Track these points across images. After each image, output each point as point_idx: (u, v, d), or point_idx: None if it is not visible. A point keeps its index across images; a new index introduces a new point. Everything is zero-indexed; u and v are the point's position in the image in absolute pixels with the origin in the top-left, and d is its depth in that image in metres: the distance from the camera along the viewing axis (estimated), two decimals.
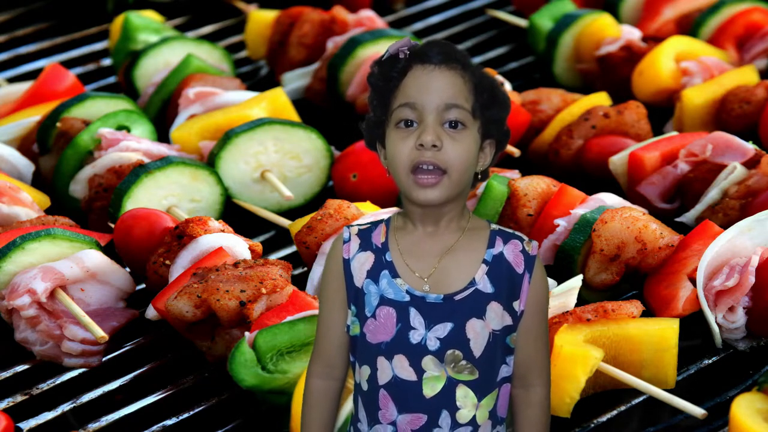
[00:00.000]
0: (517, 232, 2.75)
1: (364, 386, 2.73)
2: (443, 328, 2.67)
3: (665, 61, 4.80)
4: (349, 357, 2.80)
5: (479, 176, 2.73)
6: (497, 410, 2.74)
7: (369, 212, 3.96)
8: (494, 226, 2.74)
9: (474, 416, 2.70)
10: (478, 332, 2.68)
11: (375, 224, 2.77)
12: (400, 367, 2.68)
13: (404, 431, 2.69)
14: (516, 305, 2.71)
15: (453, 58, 2.67)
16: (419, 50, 2.68)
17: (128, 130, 4.49)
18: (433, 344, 2.67)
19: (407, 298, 2.68)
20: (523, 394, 2.77)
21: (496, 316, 2.69)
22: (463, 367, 2.68)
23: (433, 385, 2.68)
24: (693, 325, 3.76)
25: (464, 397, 2.69)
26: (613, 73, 4.96)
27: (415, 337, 2.67)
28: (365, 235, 2.75)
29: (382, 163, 2.75)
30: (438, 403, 2.68)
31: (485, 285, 2.69)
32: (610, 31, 5.04)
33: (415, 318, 2.67)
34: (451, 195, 2.67)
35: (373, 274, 2.70)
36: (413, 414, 2.68)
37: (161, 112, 4.79)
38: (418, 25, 5.70)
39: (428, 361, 2.67)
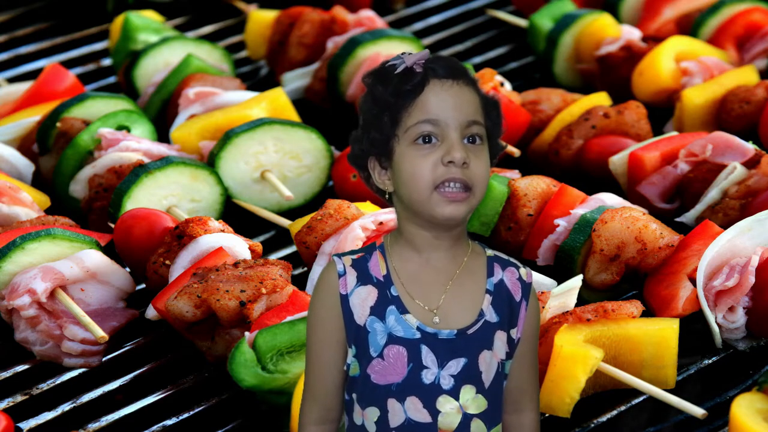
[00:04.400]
0: (511, 259, 2.72)
1: (371, 428, 2.63)
2: (456, 364, 2.61)
3: (665, 61, 4.80)
4: (344, 395, 2.71)
5: None
6: None
7: (369, 212, 3.96)
8: (489, 252, 2.71)
9: None
10: (488, 363, 2.64)
11: (368, 253, 2.66)
12: (414, 409, 2.60)
13: None
14: (513, 333, 2.68)
15: (464, 73, 2.62)
16: (433, 65, 2.59)
17: (128, 130, 4.49)
18: (447, 383, 2.60)
19: (418, 335, 2.59)
20: (516, 420, 2.74)
21: (502, 344, 2.65)
22: (477, 400, 2.62)
23: (450, 423, 2.61)
24: (693, 324, 3.77)
25: (477, 430, 2.64)
26: (613, 73, 4.96)
27: (428, 377, 2.60)
28: (361, 267, 2.63)
29: (375, 182, 2.65)
30: None
31: (491, 315, 2.64)
32: (610, 31, 5.05)
33: (428, 356, 2.60)
34: (470, 213, 2.61)
35: (378, 311, 2.60)
36: None
37: (161, 112, 4.79)
38: (418, 25, 5.70)
39: (443, 401, 2.60)
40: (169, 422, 3.60)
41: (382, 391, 2.61)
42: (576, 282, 3.67)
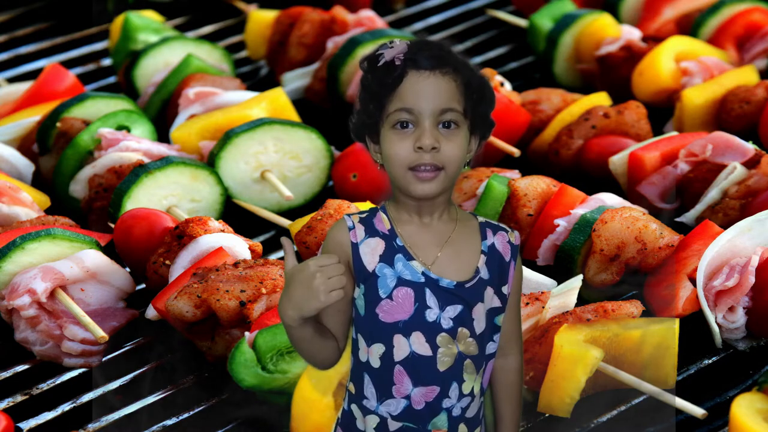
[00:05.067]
0: (500, 224, 2.95)
1: (375, 363, 2.83)
2: (454, 310, 2.83)
3: (665, 61, 4.80)
4: (339, 324, 2.86)
5: (467, 165, 2.90)
6: (484, 383, 2.92)
7: None
8: (480, 218, 2.93)
9: (473, 387, 2.87)
10: (481, 313, 2.85)
11: (372, 212, 2.89)
12: (418, 343, 2.82)
13: (418, 403, 2.84)
14: (505, 289, 2.90)
15: (445, 62, 2.84)
16: (413, 56, 2.82)
17: (128, 130, 4.49)
18: (446, 323, 2.82)
19: (423, 279, 2.82)
20: (502, 363, 2.98)
21: (489, 299, 2.87)
22: (470, 343, 2.84)
23: (447, 359, 2.83)
24: (693, 324, 3.77)
25: (468, 369, 2.85)
26: (613, 73, 4.96)
27: (431, 316, 2.82)
28: (368, 222, 2.86)
29: (372, 155, 2.91)
30: (449, 376, 2.84)
31: (485, 273, 2.87)
32: (610, 31, 5.05)
33: (431, 298, 2.82)
34: (445, 188, 2.84)
35: (387, 258, 2.82)
36: (427, 387, 2.83)
37: (161, 112, 4.79)
38: (418, 25, 5.70)
39: (442, 338, 2.82)
40: (169, 422, 3.60)
41: (389, 328, 2.82)
42: (576, 282, 3.68)
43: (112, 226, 4.14)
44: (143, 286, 4.03)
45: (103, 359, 3.82)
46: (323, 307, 2.74)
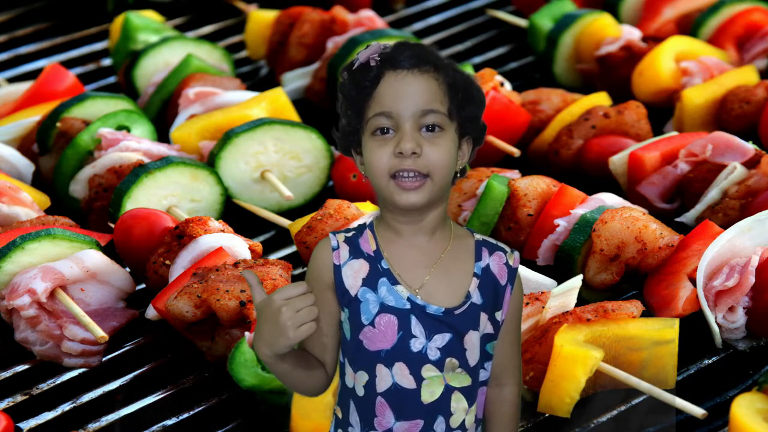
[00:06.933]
0: (499, 243, 2.77)
1: (360, 392, 2.69)
2: (442, 338, 2.67)
3: (665, 61, 4.80)
4: (324, 350, 2.73)
5: (458, 174, 2.72)
6: (479, 414, 2.77)
7: (369, 212, 3.96)
8: (477, 236, 2.75)
9: (464, 420, 2.72)
10: (474, 343, 2.70)
11: (359, 231, 2.72)
12: (401, 375, 2.67)
13: None
14: (498, 315, 2.73)
15: (425, 60, 2.65)
16: (390, 56, 2.65)
17: (128, 130, 4.49)
18: (433, 354, 2.67)
19: (408, 305, 2.66)
20: (497, 393, 2.80)
21: (483, 325, 2.71)
22: (459, 374, 2.69)
23: (432, 391, 2.68)
24: (693, 324, 3.77)
25: (457, 402, 2.70)
26: (613, 73, 4.96)
27: (416, 346, 2.66)
28: (353, 243, 2.70)
29: (359, 168, 2.74)
30: (435, 409, 2.69)
31: (477, 297, 2.70)
32: (610, 31, 5.05)
33: (416, 327, 2.66)
34: (433, 198, 2.66)
35: (370, 282, 2.66)
36: (411, 421, 2.68)
37: (161, 112, 4.80)
38: (418, 25, 5.70)
39: (428, 370, 2.67)
40: (169, 422, 3.60)
41: (372, 356, 2.67)
42: (576, 282, 3.68)
43: (112, 226, 4.14)
44: (143, 286, 4.03)
45: (103, 359, 3.82)
46: (294, 344, 2.58)
